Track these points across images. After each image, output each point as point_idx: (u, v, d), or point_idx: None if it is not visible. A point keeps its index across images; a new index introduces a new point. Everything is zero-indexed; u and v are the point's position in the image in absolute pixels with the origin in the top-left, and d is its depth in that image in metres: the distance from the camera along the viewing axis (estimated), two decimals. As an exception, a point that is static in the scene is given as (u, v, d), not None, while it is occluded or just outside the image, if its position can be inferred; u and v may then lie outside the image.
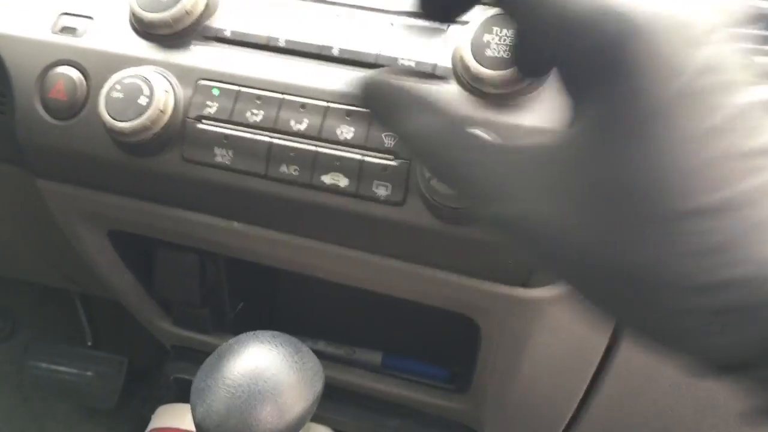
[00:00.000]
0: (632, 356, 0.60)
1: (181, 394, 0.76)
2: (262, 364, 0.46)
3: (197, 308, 0.71)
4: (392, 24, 0.54)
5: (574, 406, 0.66)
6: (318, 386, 0.48)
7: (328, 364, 0.75)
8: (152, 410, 0.72)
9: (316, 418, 0.72)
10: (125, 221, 0.62)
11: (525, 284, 0.52)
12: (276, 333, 0.50)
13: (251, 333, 0.49)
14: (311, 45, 0.54)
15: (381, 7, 0.55)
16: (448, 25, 0.53)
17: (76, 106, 0.56)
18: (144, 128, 0.52)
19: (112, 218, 0.63)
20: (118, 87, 0.53)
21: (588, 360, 0.62)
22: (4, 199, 0.71)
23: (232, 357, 0.47)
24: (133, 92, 0.53)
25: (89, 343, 1.31)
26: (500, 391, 0.64)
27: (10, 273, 1.00)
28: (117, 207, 0.60)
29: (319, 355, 0.76)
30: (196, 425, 0.46)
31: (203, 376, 0.47)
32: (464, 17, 0.52)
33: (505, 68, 0.48)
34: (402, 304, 0.61)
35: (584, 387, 0.63)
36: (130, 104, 0.52)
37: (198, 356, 0.78)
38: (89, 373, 1.27)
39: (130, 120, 0.52)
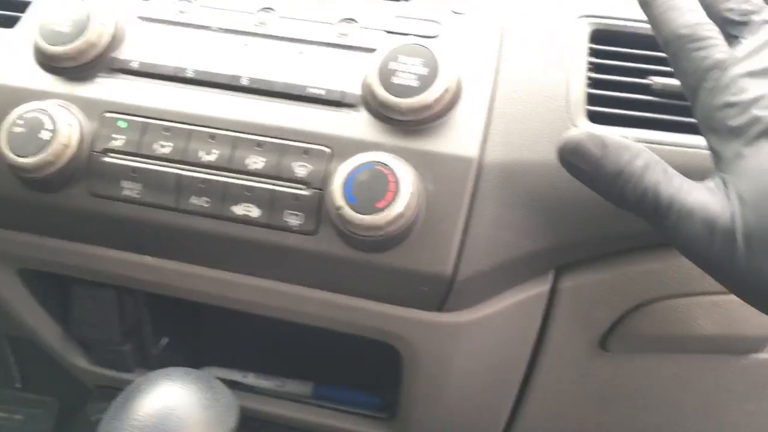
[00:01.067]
0: (554, 369, 0.61)
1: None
2: (170, 403, 0.45)
3: (117, 345, 0.69)
4: (301, 53, 0.54)
5: (502, 425, 0.66)
6: (231, 422, 0.47)
7: (257, 397, 0.74)
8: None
9: (246, 454, 0.71)
10: (34, 259, 0.60)
11: (440, 308, 0.52)
12: (189, 370, 0.49)
13: (161, 371, 0.48)
14: (220, 75, 0.53)
15: (290, 36, 0.55)
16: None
17: (-22, 142, 0.54)
18: (47, 163, 0.51)
19: (21, 257, 0.60)
20: (20, 122, 0.51)
21: (511, 379, 0.62)
22: None
23: (140, 397, 0.46)
24: (35, 126, 0.51)
25: (18, 385, 1.26)
26: (426, 415, 0.63)
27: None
28: (24, 245, 0.58)
29: (249, 388, 0.75)
30: (102, 470, 0.44)
31: (110, 417, 0.45)
32: (372, 45, 0.53)
33: (412, 96, 0.49)
34: (330, 333, 0.60)
35: (510, 406, 0.64)
36: (32, 139, 0.51)
37: (122, 395, 0.77)
38: (18, 417, 1.22)
39: (32, 155, 0.51)
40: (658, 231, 0.40)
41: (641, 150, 0.40)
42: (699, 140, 0.49)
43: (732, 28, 0.42)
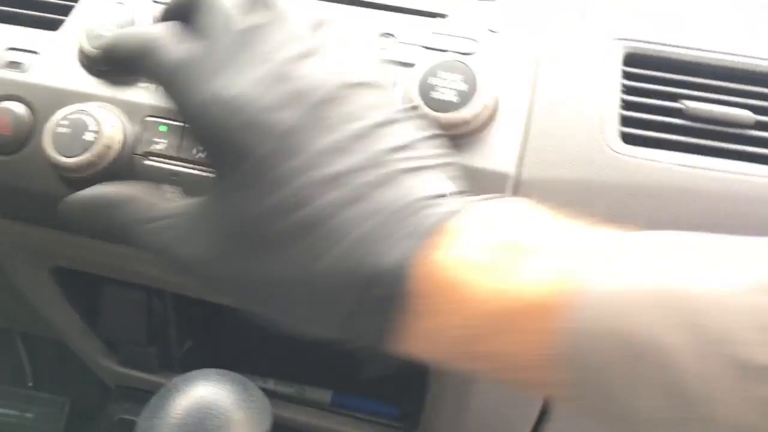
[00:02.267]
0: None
1: (125, 435, 0.74)
2: (209, 402, 0.46)
3: (143, 347, 0.70)
4: (342, 65, 0.55)
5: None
6: (266, 424, 0.48)
7: (277, 402, 0.75)
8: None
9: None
10: (69, 258, 0.61)
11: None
12: (223, 371, 0.50)
13: (198, 371, 0.49)
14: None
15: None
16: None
17: (19, 141, 0.55)
18: (90, 164, 0.52)
19: (56, 255, 0.61)
20: (64, 122, 0.53)
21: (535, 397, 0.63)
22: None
23: (179, 395, 0.46)
24: (80, 127, 0.52)
25: (30, 384, 1.27)
26: (450, 426, 0.64)
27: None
28: (61, 244, 0.59)
29: (269, 393, 0.76)
30: (139, 467, 0.45)
31: (148, 414, 0.46)
32: (411, 60, 0.54)
33: (451, 110, 0.50)
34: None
35: (533, 420, 0.64)
36: (76, 139, 0.52)
37: (143, 396, 0.77)
38: (29, 415, 1.23)
39: (76, 155, 0.52)
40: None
41: None
42: (732, 165, 0.50)
43: None
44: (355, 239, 0.33)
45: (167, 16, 0.42)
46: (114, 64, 0.44)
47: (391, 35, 0.57)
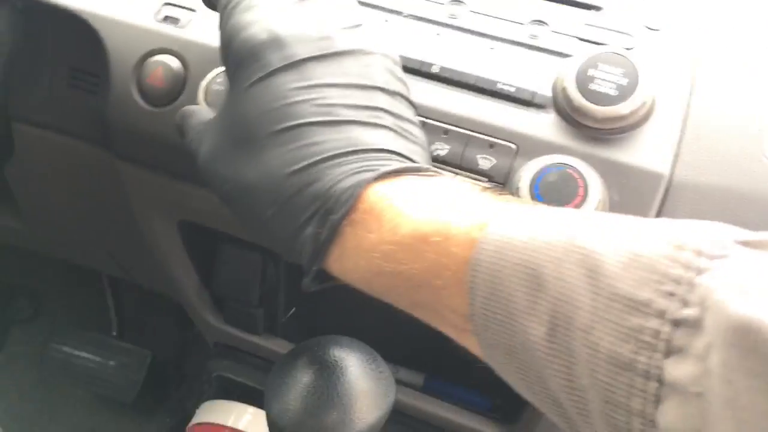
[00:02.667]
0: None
1: (222, 391, 0.76)
2: (340, 367, 0.46)
3: (253, 308, 0.71)
4: (492, 48, 0.55)
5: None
6: (391, 396, 0.48)
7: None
8: (196, 405, 0.72)
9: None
10: (198, 212, 0.63)
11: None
12: (352, 339, 0.50)
13: (329, 336, 0.49)
14: (411, 60, 0.54)
15: (481, 31, 0.56)
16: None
17: (172, 95, 0.56)
18: None
19: (186, 208, 0.63)
20: (219, 80, 0.54)
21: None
22: (79, 179, 0.72)
23: (311, 357, 0.47)
24: None
25: (114, 333, 1.31)
26: (552, 428, 0.63)
27: (60, 254, 1.00)
28: (194, 198, 0.61)
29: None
30: (270, 422, 0.46)
31: (280, 373, 0.47)
32: (564, 50, 0.54)
33: (609, 104, 0.49)
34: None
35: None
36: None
37: (241, 356, 0.79)
38: (112, 363, 1.26)
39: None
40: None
41: None
42: None
43: None
44: (322, 159, 0.39)
45: None
46: None
47: (544, 23, 0.56)
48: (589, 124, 0.50)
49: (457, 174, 0.51)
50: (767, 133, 0.51)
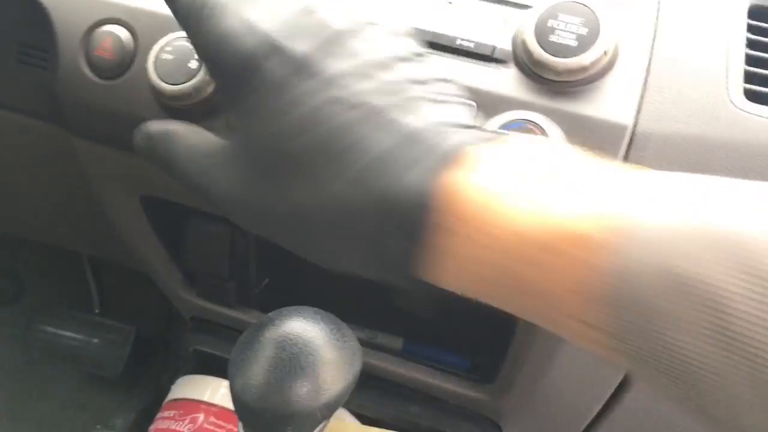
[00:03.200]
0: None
1: (200, 366, 0.76)
2: (304, 339, 0.46)
3: (224, 281, 0.70)
4: (450, 3, 0.53)
5: (604, 401, 0.65)
6: (357, 366, 0.47)
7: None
8: (171, 381, 0.72)
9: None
10: (161, 186, 0.61)
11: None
12: (317, 309, 0.49)
13: (292, 308, 0.48)
14: (367, 19, 0.53)
15: (439, -15, 0.54)
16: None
17: (122, 66, 0.54)
18: (193, 92, 0.51)
19: (148, 183, 0.62)
20: (168, 48, 0.52)
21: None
22: (37, 158, 0.70)
23: (274, 330, 0.46)
24: (184, 55, 0.51)
25: (96, 311, 1.31)
26: (529, 385, 0.63)
27: (29, 234, 0.98)
28: (156, 172, 0.59)
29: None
30: (234, 397, 0.45)
31: (243, 348, 0.46)
32: (527, 1, 0.52)
33: (570, 56, 0.48)
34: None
35: (615, 384, 0.63)
36: (180, 67, 0.51)
37: (217, 329, 0.78)
38: (96, 341, 1.26)
39: (179, 83, 0.51)
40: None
41: None
42: None
43: None
44: (373, 158, 0.32)
45: None
46: None
47: (502, -25, 0.54)
48: (551, 78, 0.48)
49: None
50: (732, 79, 0.49)
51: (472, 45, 0.51)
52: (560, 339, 0.57)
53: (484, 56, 0.51)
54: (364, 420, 0.72)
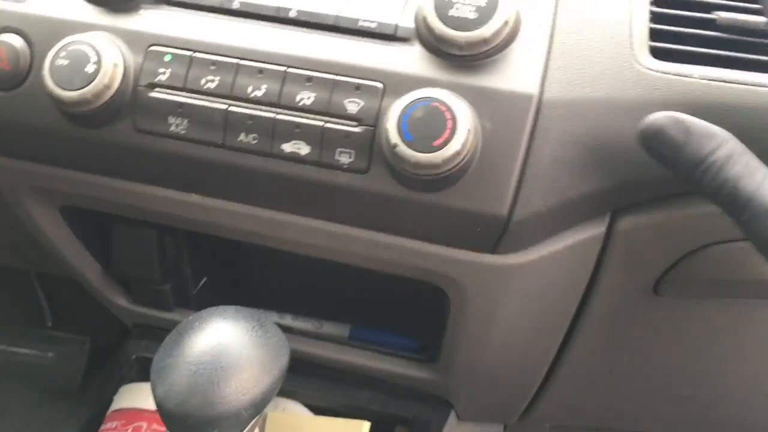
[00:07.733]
0: (604, 314, 0.60)
1: (144, 373, 0.74)
2: (224, 339, 0.45)
3: (157, 285, 0.69)
4: (351, -15, 0.52)
5: (543, 373, 0.65)
6: (283, 360, 0.47)
7: (295, 338, 0.74)
8: (114, 390, 0.70)
9: (286, 393, 0.71)
10: (77, 196, 0.60)
11: (493, 250, 0.51)
12: (238, 308, 0.48)
13: (212, 309, 0.48)
14: (267, 7, 0.52)
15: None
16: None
17: (19, 76, 0.53)
18: (92, 97, 0.49)
19: (64, 193, 0.60)
20: (63, 54, 0.50)
21: (558, 323, 0.61)
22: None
23: (194, 334, 0.45)
24: (80, 59, 0.50)
25: (49, 324, 1.28)
26: (469, 360, 0.63)
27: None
28: (68, 181, 0.57)
29: (286, 329, 0.75)
30: (157, 405, 0.44)
31: (163, 354, 0.45)
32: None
33: (470, 29, 0.47)
34: (370, 275, 0.59)
35: (553, 353, 0.63)
36: (76, 72, 0.50)
37: (161, 334, 0.76)
38: (50, 355, 1.23)
39: (77, 89, 0.49)
40: (733, 221, 0.40)
41: (727, 139, 0.40)
42: (765, 78, 0.47)
43: None
44: None
45: None
46: None
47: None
48: (454, 52, 0.48)
49: (326, 122, 0.49)
50: (637, 38, 0.49)
51: (374, 25, 0.50)
52: (493, 314, 0.57)
53: (388, 35, 0.50)
54: (316, 410, 0.72)
